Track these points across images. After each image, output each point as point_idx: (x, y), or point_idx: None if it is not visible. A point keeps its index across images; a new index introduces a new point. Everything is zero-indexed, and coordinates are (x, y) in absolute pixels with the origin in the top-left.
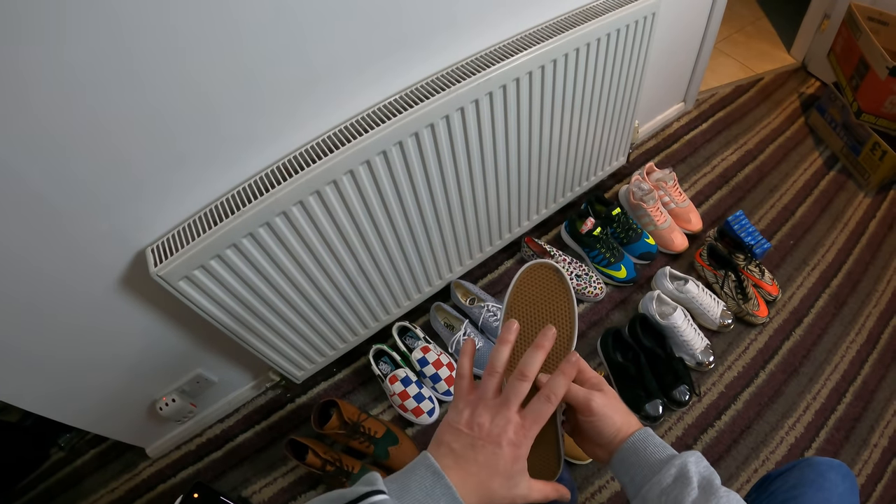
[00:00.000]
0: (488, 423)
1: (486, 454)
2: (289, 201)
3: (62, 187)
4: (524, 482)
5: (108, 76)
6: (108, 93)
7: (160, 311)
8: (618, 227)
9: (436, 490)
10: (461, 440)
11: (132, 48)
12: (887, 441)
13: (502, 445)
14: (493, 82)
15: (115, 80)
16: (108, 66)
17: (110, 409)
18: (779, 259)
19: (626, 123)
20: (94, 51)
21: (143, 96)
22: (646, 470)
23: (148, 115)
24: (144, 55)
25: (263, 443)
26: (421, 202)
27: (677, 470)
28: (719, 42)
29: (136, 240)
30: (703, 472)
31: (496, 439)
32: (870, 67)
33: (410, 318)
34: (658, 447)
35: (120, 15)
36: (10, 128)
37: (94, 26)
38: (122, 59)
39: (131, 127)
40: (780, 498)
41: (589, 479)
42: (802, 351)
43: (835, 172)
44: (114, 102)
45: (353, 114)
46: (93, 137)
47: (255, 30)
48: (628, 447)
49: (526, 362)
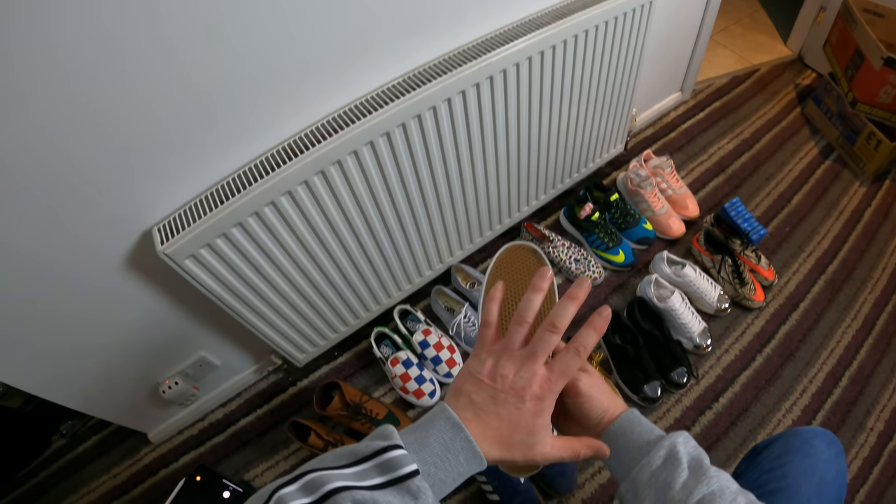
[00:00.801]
0: (512, 375)
1: (507, 408)
2: (294, 181)
3: (73, 165)
4: (547, 438)
5: (120, 55)
6: (122, 72)
7: (165, 291)
8: (616, 213)
9: (455, 443)
10: (482, 391)
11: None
12: (883, 425)
13: (525, 399)
14: (494, 66)
15: (127, 59)
16: (123, 45)
17: (113, 392)
18: (775, 245)
19: (623, 111)
20: (96, 32)
21: (152, 77)
22: (634, 452)
23: (156, 96)
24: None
25: (265, 426)
26: (423, 185)
27: (666, 451)
28: (717, 34)
29: (142, 219)
30: (691, 453)
31: (520, 392)
32: (865, 58)
33: (411, 301)
34: (645, 428)
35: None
36: (28, 105)
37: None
38: (134, 39)
39: (141, 108)
40: (768, 466)
41: (588, 461)
42: (799, 335)
43: (830, 162)
44: (125, 83)
45: (359, 95)
46: (105, 116)
47: (261, 10)
48: (615, 429)
49: (557, 313)
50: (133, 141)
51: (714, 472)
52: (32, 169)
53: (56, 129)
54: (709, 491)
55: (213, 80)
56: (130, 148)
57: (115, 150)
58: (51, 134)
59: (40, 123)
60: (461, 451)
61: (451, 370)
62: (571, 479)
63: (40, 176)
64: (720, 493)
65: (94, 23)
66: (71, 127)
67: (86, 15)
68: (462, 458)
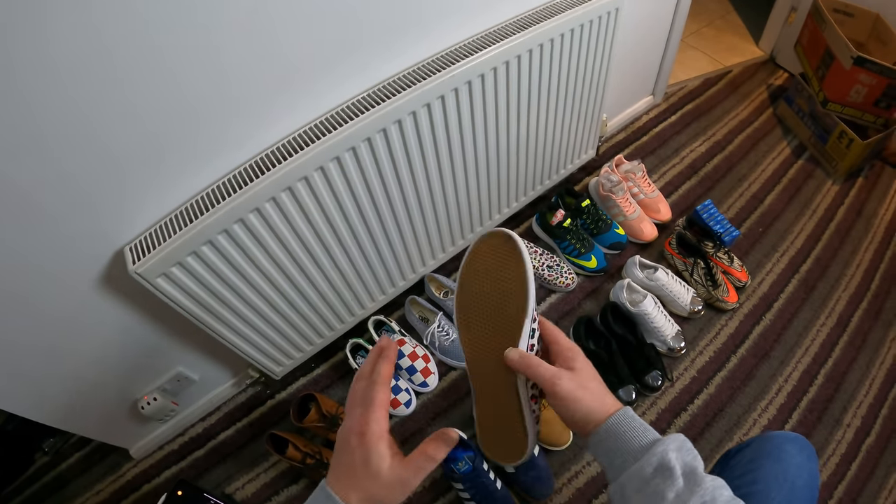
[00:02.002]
0: (343, 427)
1: (345, 455)
2: (262, 198)
3: (43, 186)
4: (384, 467)
5: (87, 72)
6: (88, 90)
7: (139, 309)
8: (588, 219)
9: (319, 495)
10: (335, 450)
11: (110, 45)
12: (860, 421)
13: (350, 441)
14: (459, 78)
15: (94, 78)
16: (87, 63)
17: (93, 409)
18: (748, 246)
19: (593, 117)
20: (73, 47)
21: (120, 95)
22: (625, 455)
23: (125, 115)
24: (121, 52)
25: (245, 439)
26: (392, 197)
27: (658, 460)
28: (688, 36)
29: (114, 238)
30: (685, 459)
31: (346, 437)
32: (835, 58)
33: (386, 311)
34: (637, 431)
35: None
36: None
37: (73, 22)
38: (101, 57)
39: (110, 126)
40: (739, 472)
41: (565, 465)
42: (773, 335)
43: (803, 161)
44: (92, 101)
45: (322, 112)
46: (73, 135)
47: (229, 31)
48: (605, 431)
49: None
50: (101, 160)
51: (709, 480)
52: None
53: (22, 150)
54: (701, 502)
55: (178, 101)
56: (99, 167)
57: (83, 169)
58: (17, 154)
59: (5, 143)
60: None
61: (427, 379)
62: (548, 484)
63: (5, 195)
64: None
65: (50, 39)
66: (38, 147)
67: (38, 31)
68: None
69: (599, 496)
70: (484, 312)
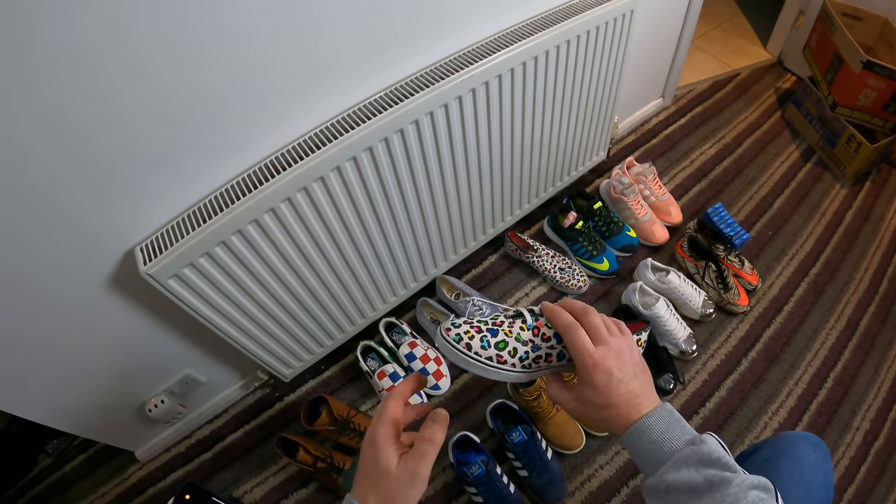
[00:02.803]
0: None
1: (362, 463)
2: (276, 198)
3: (55, 186)
4: (392, 463)
5: (107, 68)
6: (105, 88)
7: (149, 311)
8: (599, 221)
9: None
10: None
11: (132, 40)
12: (869, 424)
13: (365, 449)
14: (476, 79)
15: (112, 73)
16: (110, 57)
17: (99, 412)
18: (758, 249)
19: (605, 119)
20: (95, 39)
21: (129, 93)
22: (666, 449)
23: (139, 115)
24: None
25: (253, 442)
26: (406, 198)
27: (707, 449)
28: (697, 39)
29: (124, 239)
30: (720, 454)
31: (363, 448)
32: (844, 61)
33: (397, 313)
34: (670, 435)
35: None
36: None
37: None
38: (126, 51)
39: (120, 125)
40: (755, 471)
41: (578, 469)
42: (783, 338)
43: (811, 164)
44: (109, 100)
45: (341, 110)
46: (84, 134)
47: (244, 30)
48: (638, 429)
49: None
50: (113, 159)
51: (734, 487)
52: (12, 189)
53: (36, 148)
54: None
55: (192, 98)
56: (110, 166)
57: (94, 168)
58: (30, 152)
59: (19, 141)
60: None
61: (438, 382)
62: (561, 488)
63: (21, 196)
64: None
65: (66, 35)
66: (50, 145)
67: (59, 26)
68: None
69: (612, 499)
70: None
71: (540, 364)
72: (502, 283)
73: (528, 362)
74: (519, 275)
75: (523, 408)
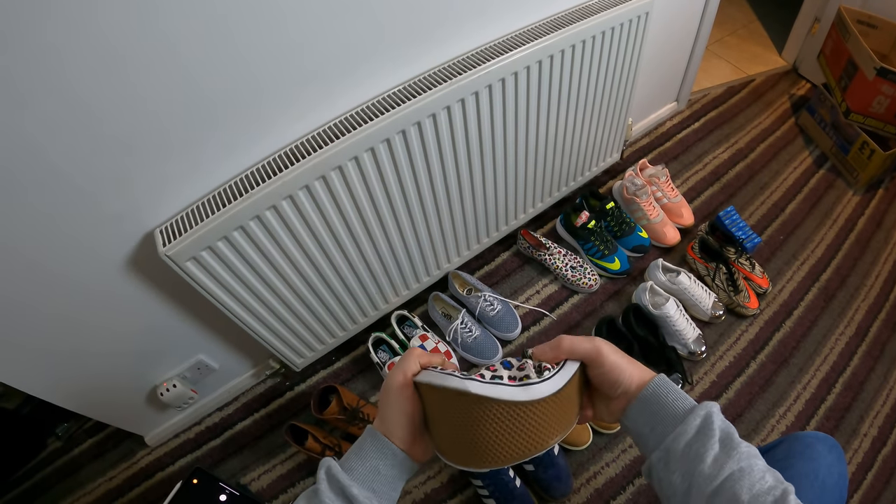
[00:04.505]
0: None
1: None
2: (295, 185)
3: (77, 166)
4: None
5: (122, 57)
6: (124, 74)
7: (164, 294)
8: (611, 221)
9: (366, 440)
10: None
11: (163, 28)
12: (877, 430)
13: (383, 394)
14: (492, 76)
15: (129, 61)
16: (125, 46)
17: (111, 394)
18: (769, 253)
19: (619, 121)
20: (97, 30)
21: (155, 79)
22: (669, 419)
23: (158, 99)
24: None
25: (262, 430)
26: (421, 192)
27: (702, 420)
28: (712, 44)
29: (144, 221)
30: (722, 426)
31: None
32: (858, 68)
33: (409, 307)
34: (680, 395)
35: None
36: (32, 105)
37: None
38: (135, 40)
39: (143, 110)
40: None
41: (584, 465)
42: (792, 342)
43: (824, 171)
44: (128, 85)
45: (360, 102)
46: (107, 118)
47: (264, 15)
48: (649, 395)
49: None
50: (136, 144)
51: (745, 447)
52: (37, 169)
53: (60, 130)
54: (738, 467)
55: (216, 84)
56: (133, 150)
57: (118, 151)
58: (55, 135)
59: (45, 124)
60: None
61: None
62: (567, 483)
63: (44, 176)
64: (749, 470)
65: (95, 21)
66: (75, 128)
67: (85, 15)
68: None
69: (618, 497)
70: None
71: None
72: (514, 280)
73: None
74: (531, 272)
75: None
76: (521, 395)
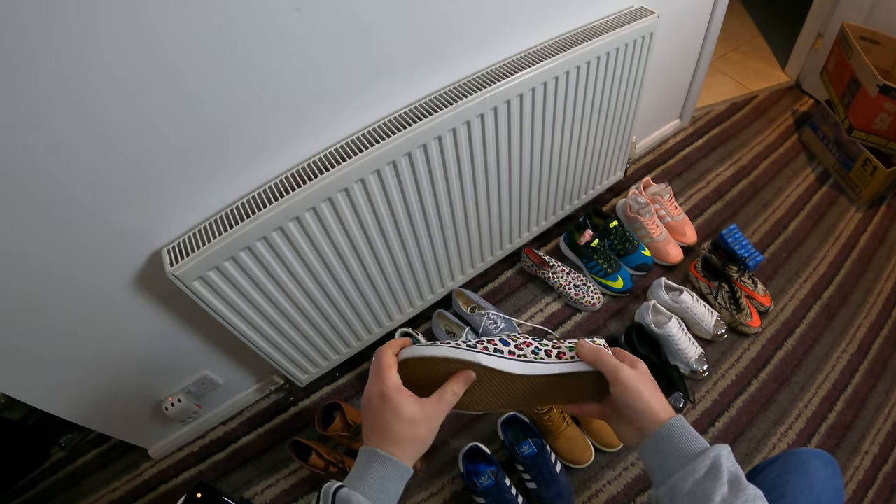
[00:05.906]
0: (364, 396)
1: (374, 416)
2: (302, 207)
3: (87, 184)
4: (415, 409)
5: (133, 77)
6: (131, 92)
7: (171, 311)
8: (615, 240)
9: (378, 466)
10: (364, 418)
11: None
12: (878, 448)
13: (372, 402)
14: (498, 98)
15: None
16: (130, 64)
17: (117, 407)
18: (771, 271)
19: (623, 139)
20: (102, 51)
21: (163, 99)
22: (679, 458)
23: (166, 119)
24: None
25: (266, 445)
26: (426, 211)
27: (711, 462)
28: (715, 60)
29: (152, 240)
30: (731, 468)
31: (368, 402)
32: (861, 85)
33: (413, 324)
34: (693, 438)
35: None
36: (40, 124)
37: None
38: (141, 58)
39: (151, 129)
40: (767, 487)
41: (586, 483)
42: (794, 360)
43: (827, 188)
44: (135, 104)
45: (367, 124)
46: (115, 137)
47: (276, 34)
48: (663, 433)
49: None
50: (144, 163)
51: (752, 489)
52: (47, 186)
53: (68, 148)
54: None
55: (224, 104)
56: (141, 170)
57: (126, 171)
58: (63, 153)
59: (53, 142)
60: (372, 459)
61: None
62: (569, 500)
63: (53, 193)
64: None
65: (98, 42)
66: (82, 147)
67: (87, 34)
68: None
69: None
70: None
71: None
72: (517, 298)
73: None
74: (534, 290)
75: (534, 421)
76: (497, 363)
